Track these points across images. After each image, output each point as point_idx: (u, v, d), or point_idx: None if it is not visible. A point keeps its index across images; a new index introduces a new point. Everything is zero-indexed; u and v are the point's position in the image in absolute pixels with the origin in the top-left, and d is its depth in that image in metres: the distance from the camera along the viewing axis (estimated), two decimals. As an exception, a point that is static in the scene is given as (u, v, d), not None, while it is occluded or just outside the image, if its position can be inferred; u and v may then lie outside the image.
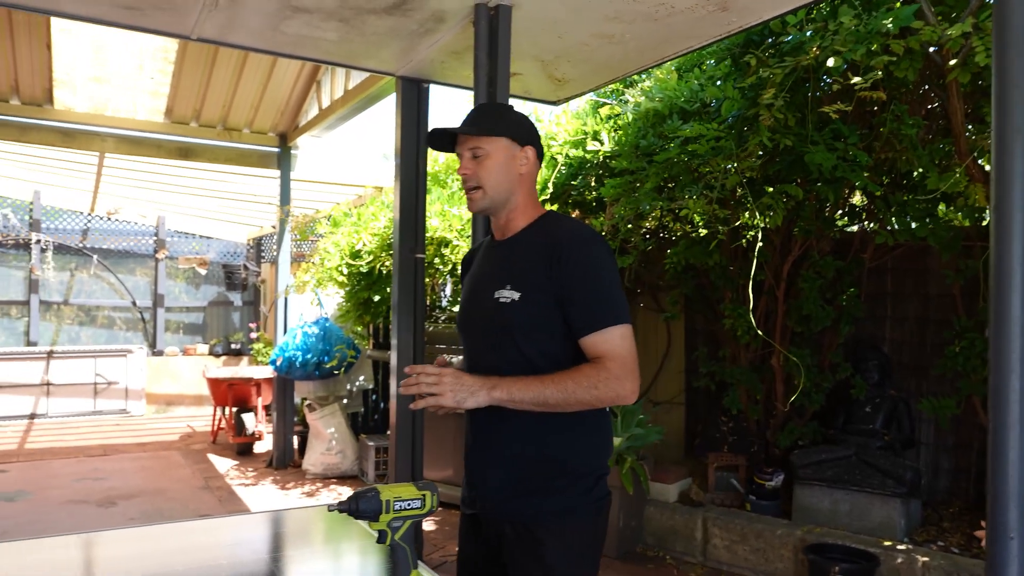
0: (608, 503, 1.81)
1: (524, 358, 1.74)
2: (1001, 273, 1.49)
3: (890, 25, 3.22)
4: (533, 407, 1.66)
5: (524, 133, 1.88)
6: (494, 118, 1.88)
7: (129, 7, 3.06)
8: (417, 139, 4.00)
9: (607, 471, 1.84)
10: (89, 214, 10.93)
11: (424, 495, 1.36)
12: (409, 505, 1.33)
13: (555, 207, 5.29)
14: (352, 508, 1.30)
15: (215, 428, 8.18)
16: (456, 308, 6.34)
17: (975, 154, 3.63)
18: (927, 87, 4.14)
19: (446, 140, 1.90)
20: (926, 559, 3.70)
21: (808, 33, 3.69)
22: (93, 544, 1.92)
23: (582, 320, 1.70)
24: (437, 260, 5.73)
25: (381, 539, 1.34)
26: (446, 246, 5.68)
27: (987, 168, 3.62)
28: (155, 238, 11.39)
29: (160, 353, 10.92)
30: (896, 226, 4.23)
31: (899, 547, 3.86)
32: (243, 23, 3.24)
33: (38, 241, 10.36)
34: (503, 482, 1.78)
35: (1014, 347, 1.48)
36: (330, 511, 1.31)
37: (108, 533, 2.04)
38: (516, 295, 1.75)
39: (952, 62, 3.31)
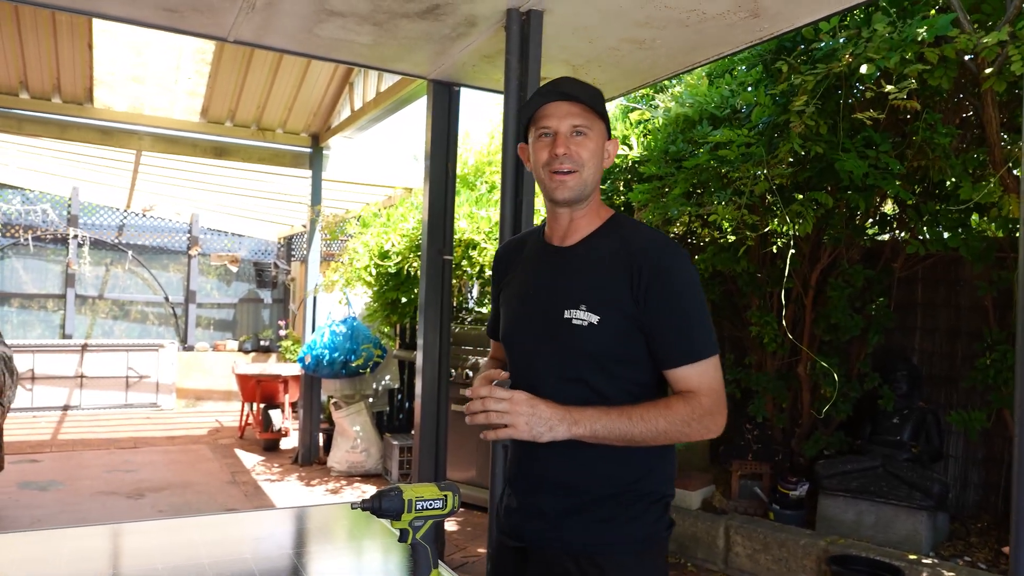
0: (671, 532, 1.65)
1: (594, 391, 1.55)
2: (1033, 286, 1.47)
3: (925, 33, 3.18)
4: (615, 443, 1.50)
5: (609, 126, 1.67)
6: (597, 96, 1.61)
7: (169, 9, 3.12)
8: (447, 141, 4.03)
9: (673, 495, 1.66)
10: (125, 211, 11.14)
11: (446, 496, 1.36)
12: (431, 505, 1.34)
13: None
14: (375, 506, 1.32)
15: (243, 424, 8.28)
16: (482, 309, 6.36)
17: (1010, 164, 3.57)
18: (961, 96, 4.08)
19: (530, 108, 1.62)
20: (952, 574, 3.64)
21: (841, 40, 3.65)
22: (122, 535, 1.96)
23: (672, 351, 1.53)
24: (465, 262, 5.75)
25: (403, 538, 1.35)
26: (474, 248, 5.70)
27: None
28: (188, 235, 11.56)
29: (191, 348, 11.08)
30: (928, 236, 4.17)
31: (924, 561, 3.80)
32: (278, 26, 3.29)
33: (75, 236, 10.58)
34: (566, 510, 1.58)
35: (1045, 361, 1.46)
36: (353, 508, 1.33)
37: (137, 524, 2.08)
38: (594, 318, 1.54)
39: (988, 71, 3.26)
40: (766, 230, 4.41)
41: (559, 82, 1.61)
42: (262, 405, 7.80)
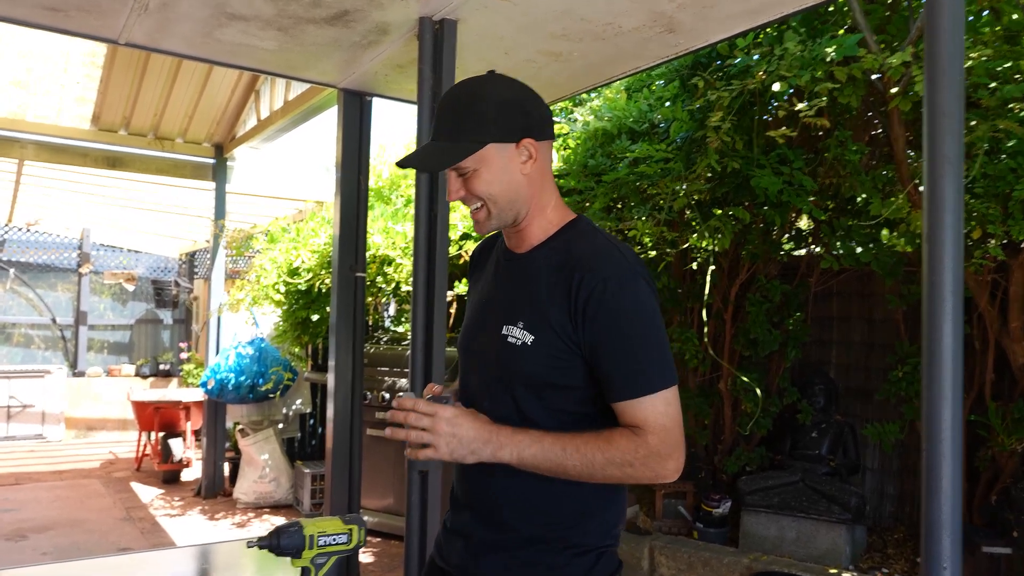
0: (619, 573, 1.53)
1: (524, 417, 1.46)
2: (933, 300, 1.55)
3: (833, 53, 3.35)
4: (546, 473, 1.41)
5: (513, 124, 1.47)
6: (476, 117, 1.45)
7: (52, 8, 2.98)
8: (359, 153, 3.99)
9: (615, 543, 1.53)
10: (6, 224, 10.55)
11: (351, 529, 1.33)
12: (334, 540, 1.31)
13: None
14: (273, 544, 1.27)
15: (140, 455, 7.92)
16: (400, 329, 6.29)
17: (916, 180, 3.78)
18: (870, 114, 4.31)
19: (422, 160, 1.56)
20: (870, 586, 3.79)
21: (755, 57, 3.80)
22: (-6, 583, 1.84)
23: (617, 383, 1.40)
24: (380, 279, 5.69)
25: (304, 576, 1.31)
26: (389, 264, 5.64)
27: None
28: (79, 251, 11.05)
29: (82, 374, 10.55)
30: (841, 251, 4.37)
31: (845, 574, 3.95)
32: (174, 29, 3.19)
33: (-51, 253, 9.97)
34: (489, 543, 1.51)
35: (946, 374, 1.54)
36: (249, 547, 1.28)
37: (16, 571, 1.96)
38: (528, 338, 1.44)
39: (894, 90, 3.45)
40: (685, 246, 4.53)
41: (439, 109, 1.52)
42: (161, 434, 7.49)
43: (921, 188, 3.75)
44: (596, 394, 1.44)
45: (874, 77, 3.64)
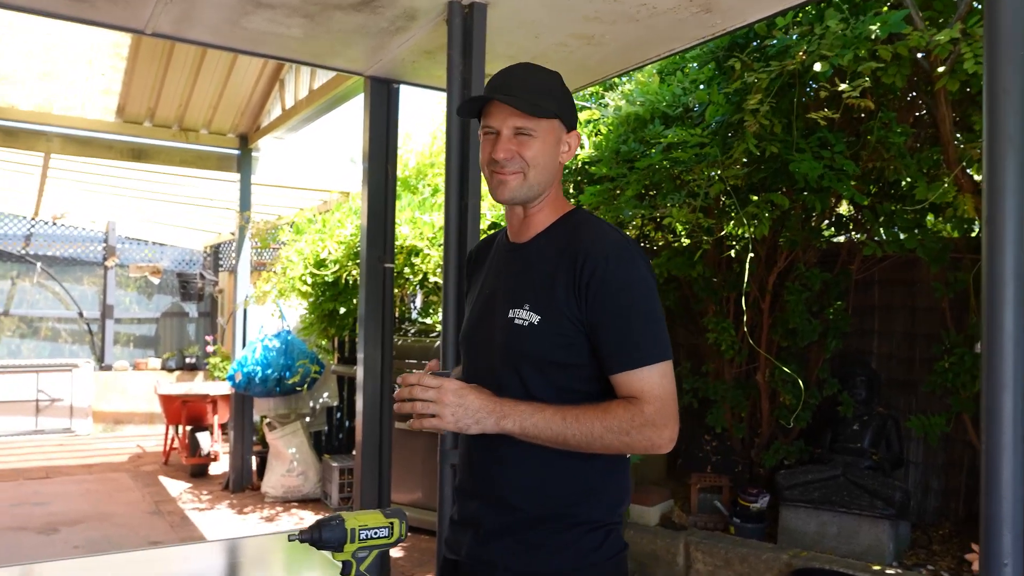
0: (623, 557, 1.61)
1: (530, 396, 1.55)
2: (993, 287, 1.52)
3: (878, 30, 3.28)
4: (547, 444, 1.50)
5: (573, 114, 1.66)
6: (548, 92, 1.60)
7: (78, -1, 3.02)
8: (387, 142, 3.99)
9: (620, 521, 1.63)
10: (33, 219, 10.74)
11: (392, 523, 1.34)
12: (376, 534, 1.31)
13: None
14: (315, 537, 1.28)
15: (167, 448, 8.04)
16: (428, 320, 6.31)
17: (964, 163, 3.70)
18: (914, 94, 4.22)
19: (472, 106, 1.65)
20: (916, 584, 3.74)
21: (794, 37, 3.74)
22: (32, 576, 1.87)
23: (616, 355, 1.51)
24: (407, 270, 5.70)
25: (345, 570, 1.32)
26: (416, 255, 5.66)
27: (976, 178, 3.69)
28: (104, 244, 11.21)
29: (108, 368, 10.73)
30: (884, 237, 4.29)
31: (888, 571, 3.90)
32: (201, 17, 3.21)
33: (-24, 247, 10.16)
34: (498, 528, 1.58)
35: (1007, 364, 1.50)
36: (291, 540, 1.29)
37: (50, 564, 2.00)
38: (535, 318, 1.54)
39: (940, 69, 3.37)
40: (722, 233, 4.48)
41: (508, 74, 1.63)
42: (188, 428, 7.59)
43: (969, 171, 3.69)
44: (600, 373, 1.55)
45: (919, 56, 3.56)
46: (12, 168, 7.80)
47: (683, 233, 4.75)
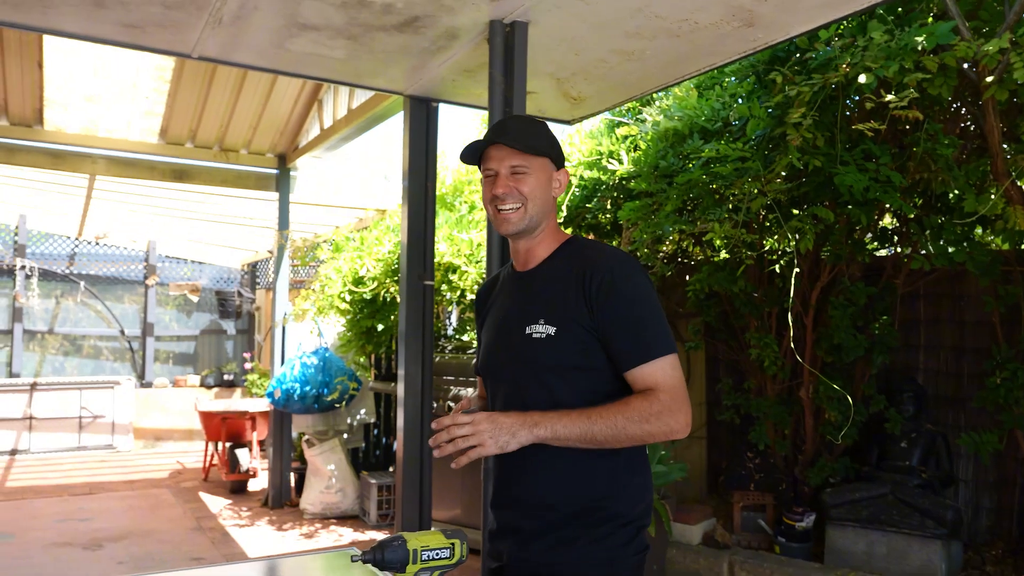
0: (646, 557, 1.76)
1: (556, 402, 1.70)
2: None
3: (924, 41, 3.24)
4: (578, 444, 1.64)
5: (560, 155, 1.87)
6: (537, 135, 1.84)
7: (130, 25, 3.09)
8: (426, 160, 4.02)
9: (648, 522, 1.79)
10: (76, 239, 10.99)
11: (453, 543, 1.34)
12: (437, 555, 1.32)
13: (568, 231, 5.30)
14: (377, 558, 1.28)
15: (207, 464, 8.13)
16: (465, 337, 6.32)
17: (1013, 175, 3.63)
18: (959, 105, 4.16)
19: (473, 152, 1.86)
20: (971, 606, 3.64)
21: (837, 49, 3.70)
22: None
23: (628, 352, 1.68)
24: (445, 287, 5.73)
25: (406, 591, 1.32)
26: (454, 272, 5.68)
27: (1028, 189, 3.62)
28: (145, 263, 11.43)
29: (149, 385, 10.90)
30: (932, 250, 4.21)
31: (941, 593, 3.80)
32: (247, 41, 3.27)
33: (23, 267, 10.40)
34: (537, 532, 1.73)
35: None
36: (354, 561, 1.29)
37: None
38: (551, 329, 1.72)
39: (988, 79, 3.32)
40: (764, 249, 4.43)
41: (502, 123, 1.87)
42: (228, 444, 7.67)
43: (1019, 183, 3.61)
44: (616, 374, 1.72)
45: (965, 66, 3.51)
46: (58, 190, 8.00)
47: (721, 248, 4.70)
